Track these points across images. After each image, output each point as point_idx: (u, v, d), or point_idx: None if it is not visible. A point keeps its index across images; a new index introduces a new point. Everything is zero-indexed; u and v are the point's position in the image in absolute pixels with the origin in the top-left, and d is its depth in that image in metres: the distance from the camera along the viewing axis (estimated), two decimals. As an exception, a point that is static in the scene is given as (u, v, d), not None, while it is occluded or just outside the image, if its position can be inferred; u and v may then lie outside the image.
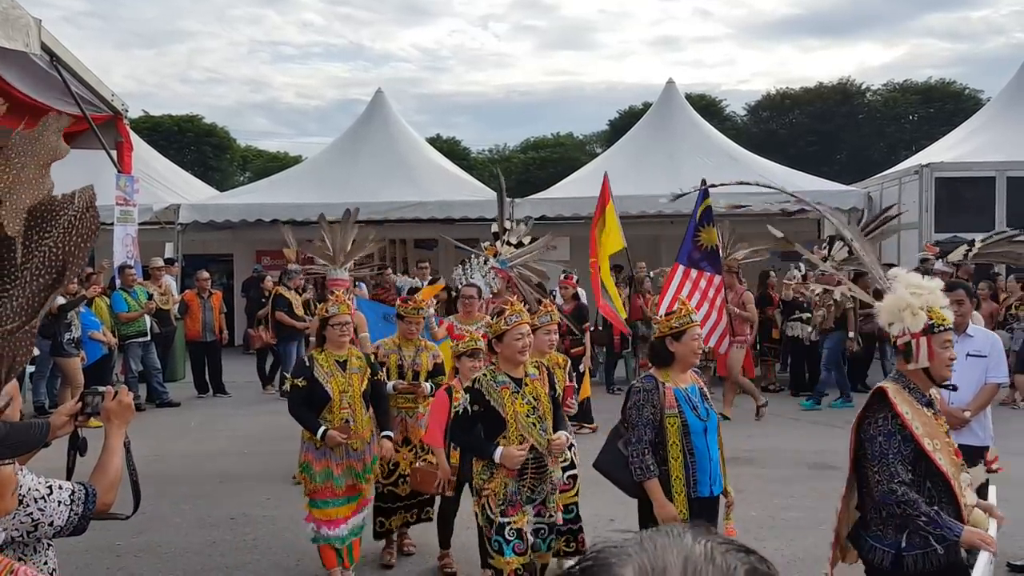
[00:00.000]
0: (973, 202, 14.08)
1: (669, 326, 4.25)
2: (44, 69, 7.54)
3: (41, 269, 1.75)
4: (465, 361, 5.43)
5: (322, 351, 5.38)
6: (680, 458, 4.09)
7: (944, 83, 42.08)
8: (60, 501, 2.57)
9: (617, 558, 0.87)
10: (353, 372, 5.36)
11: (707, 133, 18.19)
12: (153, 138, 29.90)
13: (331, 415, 5.24)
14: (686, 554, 0.86)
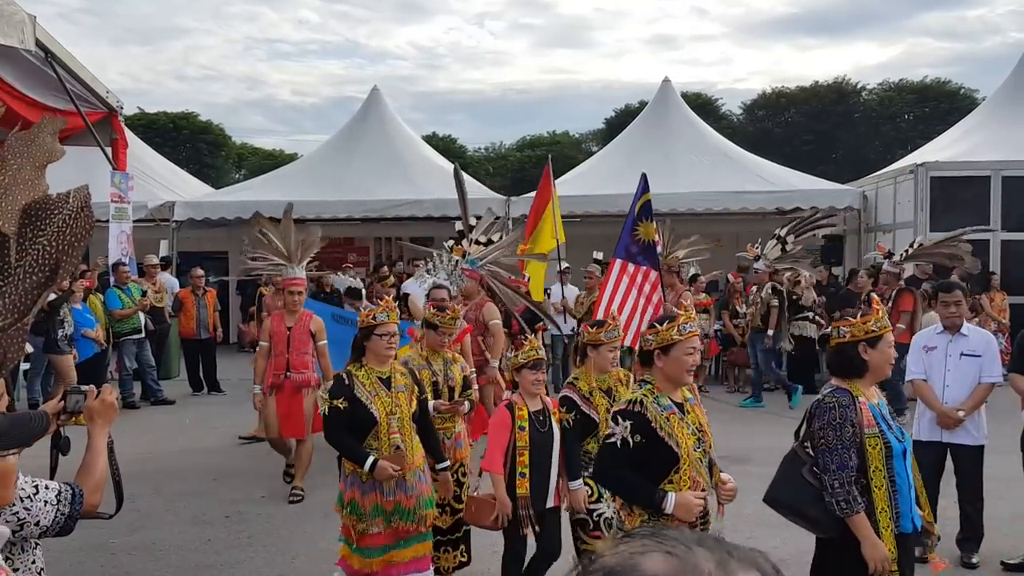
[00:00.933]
0: (968, 201, 14.10)
1: (865, 330, 3.63)
2: (39, 66, 7.52)
3: (34, 267, 1.75)
4: (527, 374, 4.64)
5: (361, 366, 4.62)
6: (884, 486, 3.55)
7: (940, 82, 42.14)
8: (46, 501, 2.55)
9: (643, 551, 0.87)
10: (399, 391, 4.60)
11: (703, 132, 18.20)
12: (148, 135, 29.85)
13: (378, 442, 4.51)
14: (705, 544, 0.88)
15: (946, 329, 5.74)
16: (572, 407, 4.59)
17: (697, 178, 15.77)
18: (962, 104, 35.54)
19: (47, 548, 2.77)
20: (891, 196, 15.26)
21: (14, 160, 1.86)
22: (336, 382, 4.67)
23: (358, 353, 4.68)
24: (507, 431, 4.56)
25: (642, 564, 0.84)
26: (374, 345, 4.61)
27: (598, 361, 4.71)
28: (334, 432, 4.57)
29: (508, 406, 4.66)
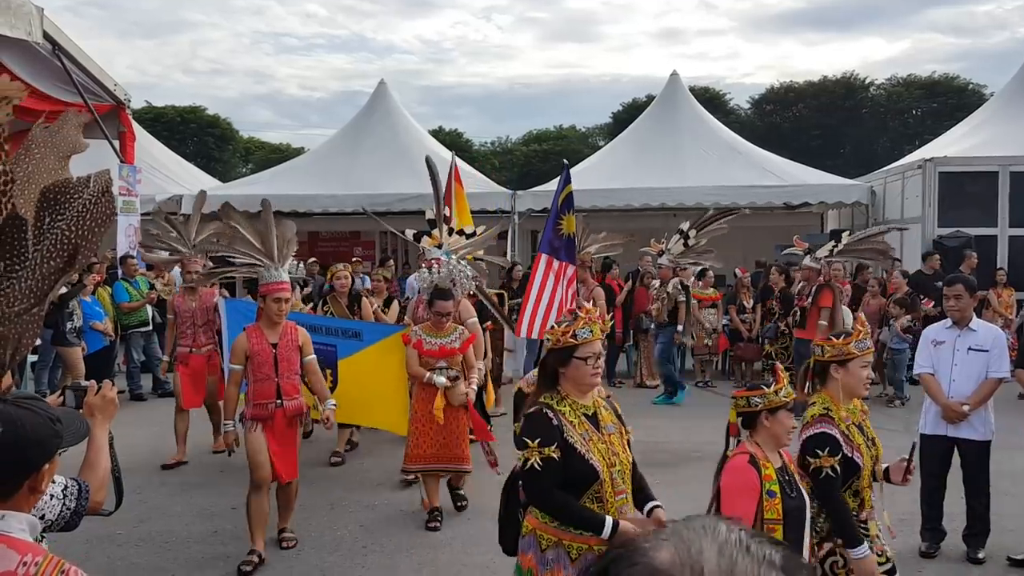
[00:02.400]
0: (976, 197, 14.04)
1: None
2: (46, 58, 7.54)
3: (52, 252, 1.75)
4: (784, 419, 3.48)
5: (558, 397, 3.36)
6: None
7: (948, 78, 42.00)
8: (52, 495, 2.54)
9: (651, 544, 0.89)
10: (610, 432, 3.36)
11: (710, 126, 18.14)
12: (156, 129, 29.90)
13: (600, 505, 3.25)
14: (721, 541, 0.87)
15: (954, 323, 5.72)
16: (836, 449, 3.64)
17: (705, 173, 15.73)
18: (970, 100, 35.42)
19: (54, 540, 2.78)
20: (899, 191, 15.20)
21: (38, 150, 1.87)
22: (539, 422, 3.29)
23: (549, 381, 3.42)
24: (755, 498, 3.34)
25: (649, 553, 0.87)
26: (575, 371, 3.33)
27: (847, 383, 3.77)
28: (546, 492, 3.26)
29: (751, 460, 3.41)
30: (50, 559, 1.91)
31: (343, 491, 7.20)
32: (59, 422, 2.10)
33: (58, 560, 1.92)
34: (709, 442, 8.96)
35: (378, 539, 6.11)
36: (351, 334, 7.31)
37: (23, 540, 1.97)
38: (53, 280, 1.76)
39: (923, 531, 5.79)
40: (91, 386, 2.94)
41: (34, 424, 2.04)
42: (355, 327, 7.52)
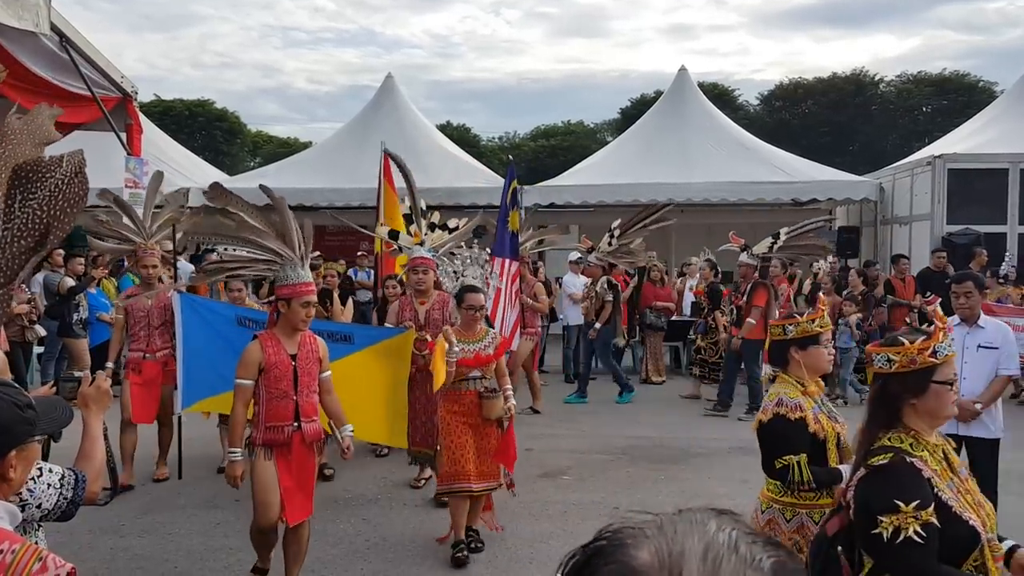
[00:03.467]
0: (985, 194, 13.98)
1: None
2: (54, 50, 7.53)
3: (23, 231, 1.73)
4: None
5: (910, 438, 2.63)
6: None
7: (958, 75, 41.77)
8: (49, 484, 2.55)
9: (633, 539, 0.82)
10: (963, 475, 2.73)
11: (719, 121, 18.07)
12: (164, 122, 29.94)
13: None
14: (708, 541, 0.80)
15: (963, 321, 5.68)
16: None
17: (713, 168, 15.68)
18: (980, 97, 35.24)
19: (57, 530, 2.77)
20: (908, 188, 15.13)
21: (14, 136, 1.86)
22: (908, 475, 2.50)
23: (887, 415, 2.67)
24: None
25: (629, 551, 0.81)
26: (933, 402, 2.63)
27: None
28: (932, 572, 2.44)
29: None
30: (27, 547, 1.90)
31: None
32: (30, 408, 2.08)
33: (36, 548, 1.91)
34: (713, 438, 8.97)
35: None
36: (340, 337, 6.51)
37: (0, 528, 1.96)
38: (24, 260, 1.75)
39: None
40: (84, 377, 2.94)
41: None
42: (345, 330, 6.80)
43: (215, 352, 6.43)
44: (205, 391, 6.53)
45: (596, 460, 7.94)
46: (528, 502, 6.55)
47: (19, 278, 1.76)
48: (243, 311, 6.90)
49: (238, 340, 5.86)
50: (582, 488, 7.10)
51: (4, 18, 5.87)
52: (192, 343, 6.57)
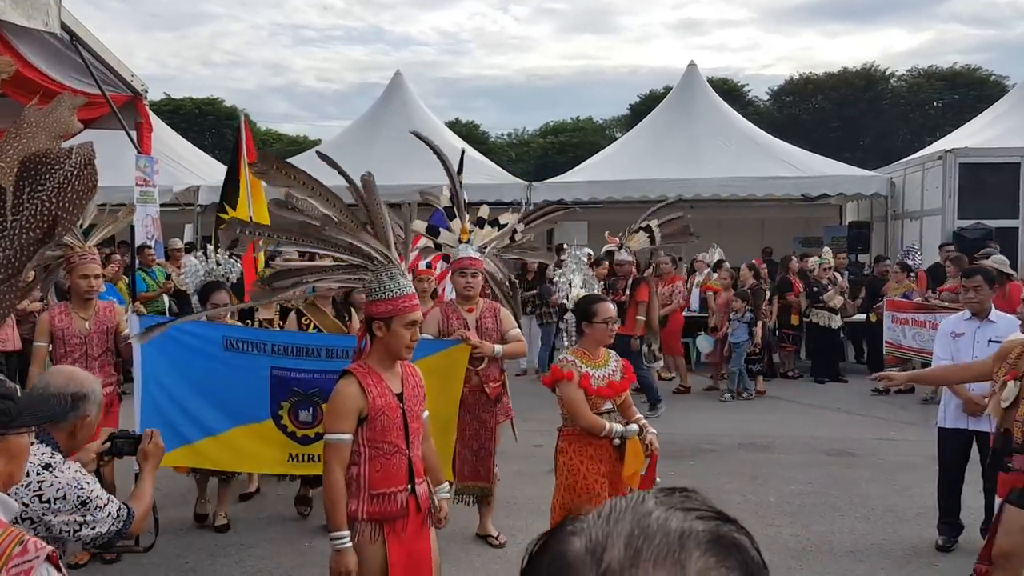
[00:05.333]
0: (997, 188, 13.89)
1: None
2: (63, 49, 7.55)
3: (31, 223, 1.74)
4: None
5: None
6: None
7: (969, 69, 41.54)
8: (110, 513, 2.79)
9: (575, 528, 0.82)
10: None
11: (729, 117, 18.03)
12: (174, 120, 30.03)
13: None
14: (637, 522, 0.79)
15: (973, 315, 5.66)
16: None
17: (722, 163, 15.63)
18: (992, 91, 35.00)
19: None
20: (919, 183, 15.06)
21: (30, 129, 1.87)
22: None
23: None
24: None
25: (566, 540, 0.81)
26: None
27: None
28: None
29: None
30: (9, 531, 1.92)
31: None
32: (7, 399, 2.09)
33: (18, 532, 1.94)
34: (723, 434, 8.96)
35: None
36: None
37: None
38: (32, 252, 1.75)
39: (940, 524, 5.74)
40: (145, 434, 3.26)
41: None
42: None
43: (190, 387, 5.24)
44: (175, 440, 5.12)
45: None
46: (538, 499, 6.54)
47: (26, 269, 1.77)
48: (233, 331, 5.59)
49: (228, 370, 5.16)
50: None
51: (14, 17, 5.90)
52: (156, 378, 5.21)
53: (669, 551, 0.76)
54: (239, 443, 5.35)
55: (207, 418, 5.27)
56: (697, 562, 0.76)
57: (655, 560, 0.75)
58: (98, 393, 3.00)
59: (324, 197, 3.46)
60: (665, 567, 0.75)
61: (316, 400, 5.21)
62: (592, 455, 4.47)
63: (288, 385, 5.30)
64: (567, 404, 4.47)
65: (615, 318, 4.64)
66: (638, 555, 0.76)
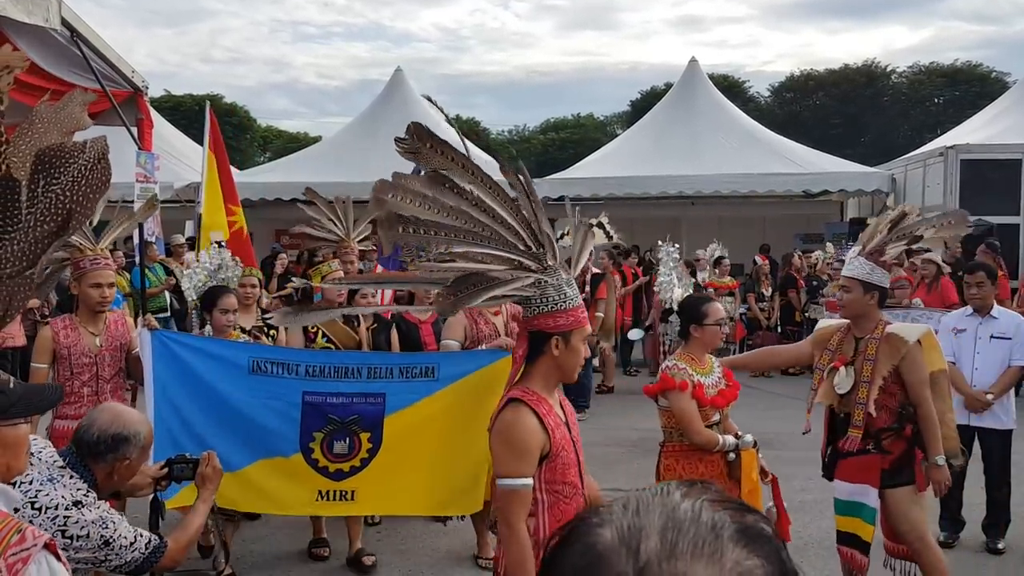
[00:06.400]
0: (998, 184, 13.87)
1: None
2: (64, 45, 7.55)
3: (46, 216, 1.75)
4: None
5: None
6: None
7: (970, 65, 41.52)
8: (137, 549, 2.79)
9: (600, 519, 0.82)
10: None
11: (730, 113, 18.01)
12: (174, 117, 29.99)
13: None
14: (669, 513, 0.79)
15: (975, 311, 5.66)
16: None
17: (723, 160, 15.63)
18: (993, 88, 35.00)
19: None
20: (920, 179, 15.04)
21: (41, 124, 1.87)
22: None
23: None
24: None
25: (594, 531, 0.81)
26: None
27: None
28: None
29: None
30: (8, 520, 1.94)
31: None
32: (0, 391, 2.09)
33: (16, 521, 1.95)
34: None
35: None
36: (420, 372, 4.76)
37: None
38: (46, 245, 1.76)
39: (942, 520, 5.74)
40: (203, 458, 3.28)
41: None
42: (425, 360, 4.97)
43: (208, 417, 4.67)
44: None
45: (607, 453, 7.93)
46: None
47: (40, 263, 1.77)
48: (261, 350, 4.98)
49: (253, 398, 4.64)
50: None
51: (14, 13, 5.89)
52: (170, 402, 4.61)
53: (704, 543, 0.76)
54: (260, 480, 4.71)
55: (225, 450, 4.41)
56: (732, 554, 0.76)
57: (692, 553, 0.76)
58: (143, 436, 2.94)
59: (487, 185, 2.76)
60: (702, 560, 0.75)
61: (354, 429, 4.68)
62: (704, 472, 4.09)
63: (323, 412, 4.69)
64: (679, 417, 4.06)
65: (726, 319, 4.30)
66: (675, 547, 0.76)
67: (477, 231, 2.70)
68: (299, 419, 4.66)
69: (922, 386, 4.21)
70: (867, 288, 4.29)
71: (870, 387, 4.18)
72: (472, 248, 2.73)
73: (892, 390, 4.23)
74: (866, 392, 4.18)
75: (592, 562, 0.78)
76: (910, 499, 4.26)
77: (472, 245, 2.73)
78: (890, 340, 4.24)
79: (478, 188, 2.72)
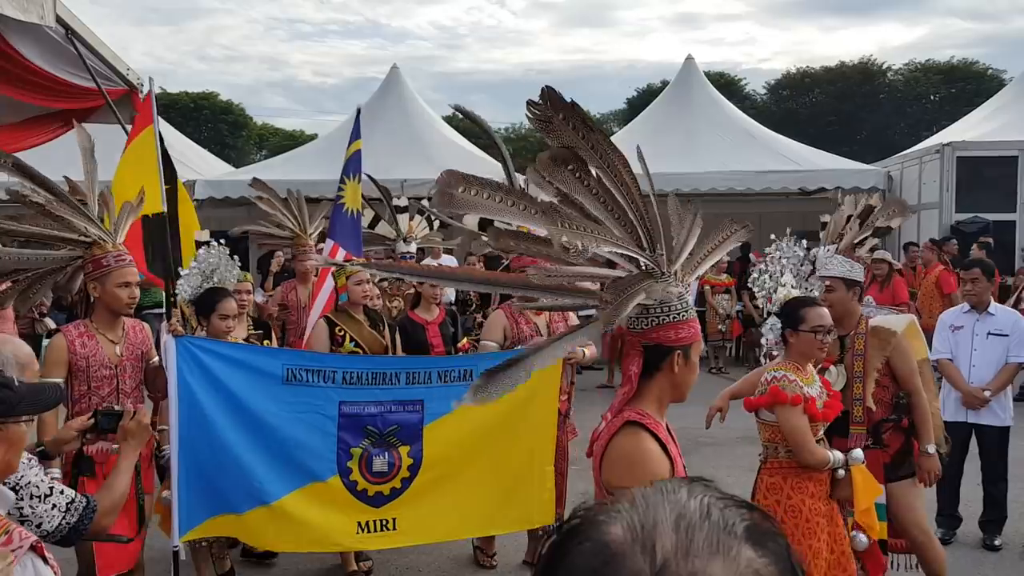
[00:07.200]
0: (995, 181, 13.88)
1: None
2: (59, 42, 7.52)
3: None
4: None
5: None
6: None
7: (966, 63, 41.55)
8: (55, 505, 2.50)
9: (607, 516, 0.80)
10: None
11: (726, 111, 18.01)
12: (170, 115, 29.99)
13: None
14: (679, 510, 0.78)
15: (972, 308, 5.66)
16: None
17: (719, 157, 15.62)
18: (989, 85, 35.03)
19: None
20: (916, 176, 15.05)
21: None
22: None
23: None
24: None
25: (602, 527, 0.79)
26: None
27: None
28: None
29: None
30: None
31: None
32: (6, 388, 2.07)
33: (4, 521, 1.93)
34: (723, 428, 8.91)
35: None
36: (456, 376, 4.45)
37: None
38: None
39: (939, 517, 5.74)
40: (127, 411, 2.98)
41: None
42: (462, 363, 4.67)
43: (240, 437, 4.20)
44: (218, 506, 4.21)
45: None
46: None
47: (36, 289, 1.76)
48: (294, 356, 4.60)
49: (287, 411, 4.24)
50: (589, 479, 7.08)
51: (8, 11, 5.87)
52: (198, 422, 4.14)
53: (718, 542, 0.76)
54: (298, 513, 4.28)
55: (259, 478, 4.15)
56: (745, 552, 0.75)
57: (709, 552, 0.75)
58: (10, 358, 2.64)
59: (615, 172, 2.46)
60: (719, 558, 0.74)
61: (393, 442, 4.38)
62: (814, 492, 3.74)
63: (361, 424, 4.38)
64: (791, 434, 3.70)
65: (829, 326, 3.81)
66: (691, 544, 0.75)
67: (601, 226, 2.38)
68: (336, 434, 4.34)
69: (913, 375, 4.23)
70: (849, 285, 4.33)
71: (864, 382, 4.17)
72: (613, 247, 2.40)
73: (884, 382, 4.24)
74: (861, 388, 4.17)
75: (607, 560, 0.76)
76: (914, 491, 4.28)
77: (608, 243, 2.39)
78: (877, 333, 4.25)
79: (606, 175, 2.43)
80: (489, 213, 2.31)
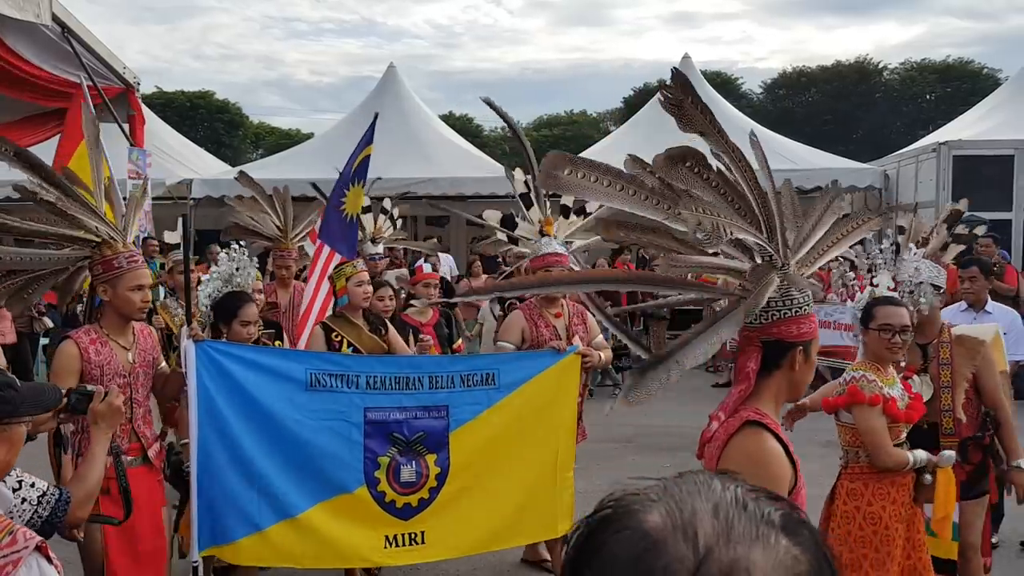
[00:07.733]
0: (991, 180, 13.90)
1: None
2: (55, 41, 7.50)
3: None
4: None
5: None
6: None
7: (962, 62, 41.68)
8: (25, 499, 2.43)
9: (640, 504, 0.80)
10: None
11: (722, 109, 17.99)
12: (166, 114, 29.91)
13: None
14: (716, 500, 0.79)
15: (969, 306, 5.67)
16: None
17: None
18: (985, 84, 35.11)
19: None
20: (913, 175, 15.08)
21: None
22: None
23: None
24: None
25: (638, 516, 0.79)
26: None
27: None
28: None
29: None
30: (0, 521, 1.92)
31: None
32: (10, 388, 2.07)
33: (7, 522, 1.93)
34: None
35: None
36: (478, 380, 4.33)
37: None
38: None
39: (936, 516, 5.74)
40: (97, 392, 2.86)
41: None
42: (483, 365, 4.48)
43: (262, 447, 4.01)
44: (241, 526, 3.99)
45: (602, 448, 7.92)
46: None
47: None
48: (317, 360, 4.30)
49: (311, 418, 4.04)
50: (588, 477, 7.07)
51: (4, 9, 5.86)
52: (218, 431, 3.95)
53: (756, 530, 0.77)
54: (323, 526, 4.11)
55: (281, 490, 3.97)
56: (781, 540, 0.77)
57: (749, 539, 0.76)
58: None
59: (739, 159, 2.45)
60: (759, 545, 0.75)
61: (420, 450, 4.23)
62: (895, 498, 3.59)
63: (387, 431, 4.21)
64: (868, 435, 3.57)
65: (899, 326, 3.60)
66: (731, 532, 0.76)
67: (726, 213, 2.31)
68: (362, 442, 4.17)
69: (997, 389, 4.04)
70: (937, 291, 4.15)
71: (953, 392, 3.96)
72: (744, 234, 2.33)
73: (968, 394, 4.02)
74: (950, 398, 3.97)
75: (648, 548, 0.76)
76: (980, 511, 4.10)
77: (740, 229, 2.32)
78: (963, 342, 4.05)
79: (733, 162, 2.40)
80: (596, 197, 2.28)
